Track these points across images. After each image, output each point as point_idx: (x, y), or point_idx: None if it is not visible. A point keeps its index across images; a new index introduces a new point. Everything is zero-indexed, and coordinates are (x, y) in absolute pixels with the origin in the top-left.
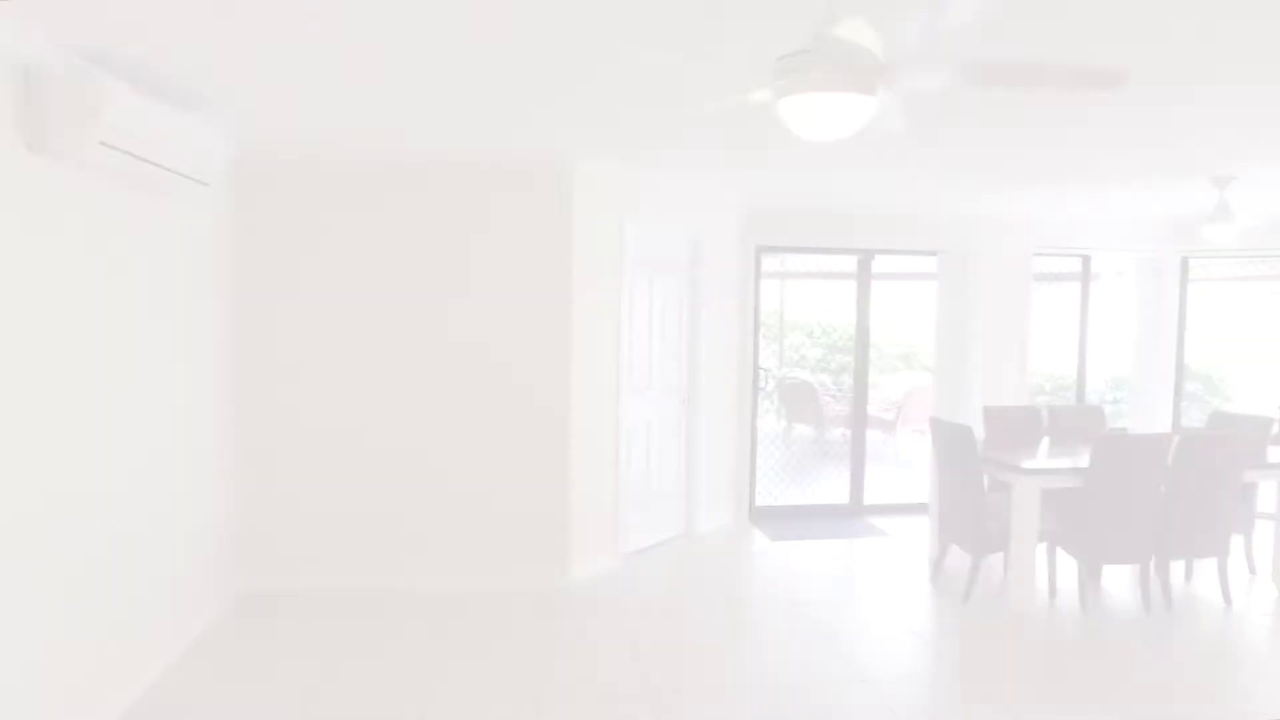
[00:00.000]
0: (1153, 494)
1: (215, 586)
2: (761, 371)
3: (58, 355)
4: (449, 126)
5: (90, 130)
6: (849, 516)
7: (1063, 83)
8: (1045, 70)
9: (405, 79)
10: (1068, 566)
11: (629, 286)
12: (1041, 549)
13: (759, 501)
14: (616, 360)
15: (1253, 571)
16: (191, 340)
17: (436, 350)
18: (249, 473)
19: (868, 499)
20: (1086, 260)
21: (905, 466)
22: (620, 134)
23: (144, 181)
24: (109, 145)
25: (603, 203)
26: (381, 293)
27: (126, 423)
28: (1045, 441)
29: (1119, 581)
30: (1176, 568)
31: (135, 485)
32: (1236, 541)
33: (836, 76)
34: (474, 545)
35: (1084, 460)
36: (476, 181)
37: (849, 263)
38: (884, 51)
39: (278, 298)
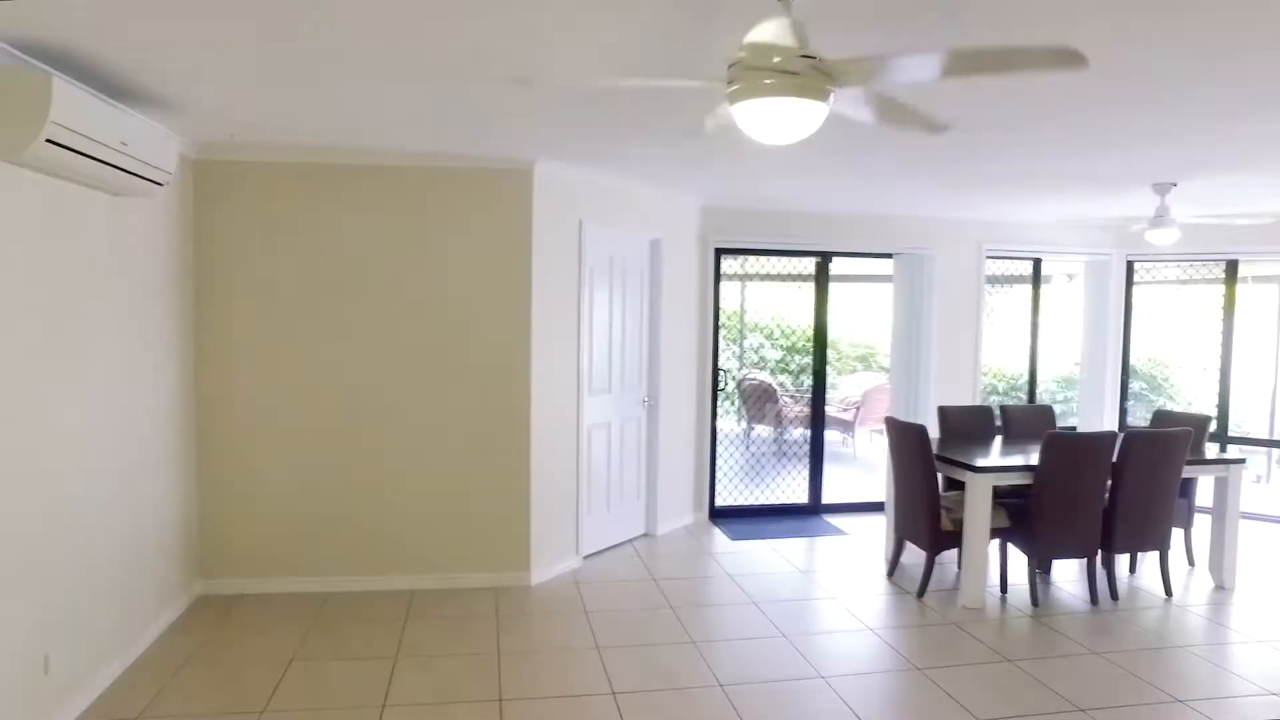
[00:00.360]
0: (1099, 490)
1: (172, 590)
2: (721, 373)
3: (4, 357)
4: (407, 127)
5: (35, 129)
6: (808, 516)
7: (1029, 64)
8: (1012, 54)
9: (361, 80)
10: (1019, 562)
11: (589, 288)
12: (994, 545)
13: (719, 502)
14: (577, 361)
15: (1192, 564)
16: (146, 341)
17: (395, 351)
18: (206, 475)
19: (827, 498)
20: (1038, 263)
21: (864, 466)
22: (578, 136)
23: (94, 180)
24: (56, 143)
25: (562, 204)
26: (339, 294)
27: (79, 424)
28: (998, 440)
29: (1067, 575)
30: (1121, 561)
31: (88, 488)
32: (1177, 536)
33: (789, 82)
34: (434, 547)
35: (1035, 458)
36: (435, 182)
37: (808, 265)
38: (854, 52)
39: (235, 298)
